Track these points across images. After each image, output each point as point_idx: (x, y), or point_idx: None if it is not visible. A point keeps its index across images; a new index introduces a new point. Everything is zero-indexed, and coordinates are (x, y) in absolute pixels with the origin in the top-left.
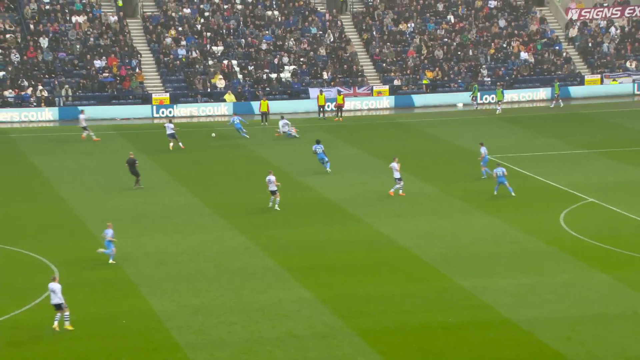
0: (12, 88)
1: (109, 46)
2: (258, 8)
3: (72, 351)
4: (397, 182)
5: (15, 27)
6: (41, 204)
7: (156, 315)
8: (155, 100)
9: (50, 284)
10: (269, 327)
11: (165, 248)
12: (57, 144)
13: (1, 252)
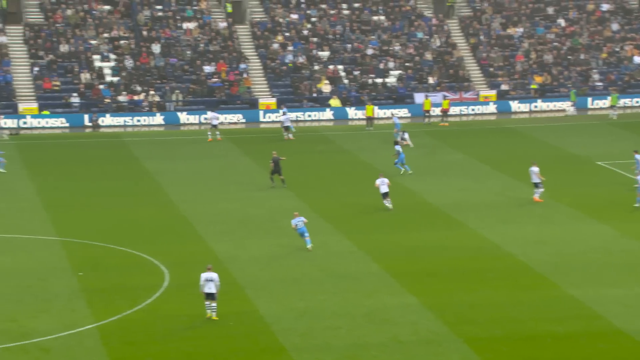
0: (125, 93)
1: (218, 52)
2: (364, 13)
3: (181, 351)
4: (537, 187)
5: (130, 33)
6: (152, 206)
7: (262, 317)
8: (262, 105)
9: (206, 274)
10: (374, 332)
11: (272, 251)
12: (168, 148)
13: (115, 253)
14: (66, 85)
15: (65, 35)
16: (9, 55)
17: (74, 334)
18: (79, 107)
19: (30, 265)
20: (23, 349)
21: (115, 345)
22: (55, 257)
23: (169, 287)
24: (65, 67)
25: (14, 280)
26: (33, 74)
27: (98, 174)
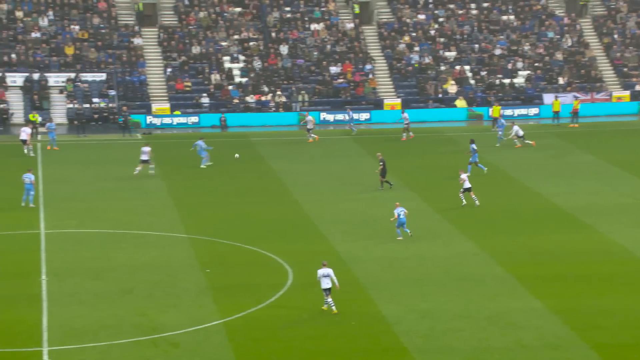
0: (253, 93)
1: (345, 53)
2: (493, 13)
3: (304, 349)
4: None
5: (259, 35)
6: (278, 206)
7: (384, 318)
8: (387, 106)
9: (322, 270)
10: (498, 335)
11: (394, 252)
12: (293, 148)
13: (240, 251)
14: (197, 86)
15: (197, 37)
16: (144, 56)
17: (201, 329)
18: (208, 107)
19: (160, 262)
20: (153, 343)
21: (241, 342)
22: (184, 254)
23: (292, 286)
24: (196, 69)
25: (145, 275)
26: (166, 75)
27: (225, 173)
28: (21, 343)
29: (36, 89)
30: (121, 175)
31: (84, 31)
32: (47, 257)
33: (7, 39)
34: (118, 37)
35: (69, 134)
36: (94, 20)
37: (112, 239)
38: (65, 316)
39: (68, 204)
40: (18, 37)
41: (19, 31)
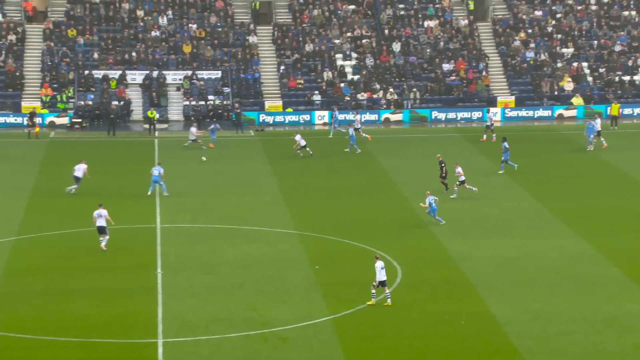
0: (364, 91)
1: (458, 50)
2: (614, 9)
3: (413, 348)
4: None
5: (371, 32)
6: (387, 203)
7: (495, 318)
8: (500, 103)
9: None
10: (614, 338)
11: (505, 251)
12: (403, 145)
13: (350, 248)
14: (309, 84)
15: (311, 35)
16: (259, 54)
17: (310, 325)
18: (320, 104)
19: (271, 257)
20: (263, 337)
21: (349, 339)
22: (294, 250)
23: (401, 284)
24: (309, 66)
25: (256, 270)
26: (279, 72)
27: (335, 170)
28: (137, 334)
29: (154, 87)
30: (234, 171)
31: (201, 29)
32: (163, 250)
33: (128, 38)
34: (234, 35)
35: (185, 130)
36: (211, 19)
37: (225, 234)
38: (179, 309)
39: (183, 199)
40: (138, 36)
41: (139, 30)
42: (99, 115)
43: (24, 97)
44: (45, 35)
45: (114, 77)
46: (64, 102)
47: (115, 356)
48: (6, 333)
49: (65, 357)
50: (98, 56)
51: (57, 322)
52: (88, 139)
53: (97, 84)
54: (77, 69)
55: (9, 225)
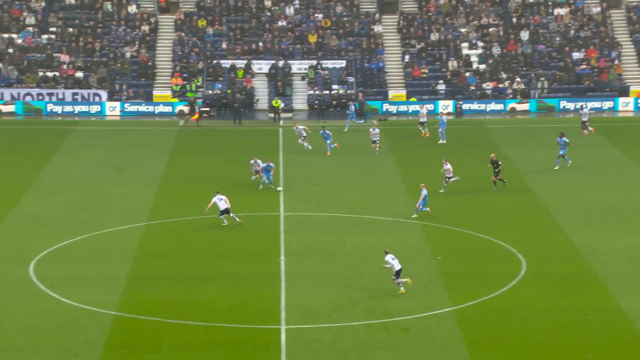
0: (490, 80)
1: (589, 38)
2: None
3: (537, 342)
4: None
5: (499, 21)
6: (512, 194)
7: (624, 313)
8: (633, 93)
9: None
10: None
11: (636, 245)
12: (529, 136)
13: (473, 239)
14: (434, 73)
15: (436, 24)
16: (383, 43)
17: (431, 315)
18: (444, 94)
19: (392, 247)
20: (384, 326)
21: (471, 330)
22: (416, 240)
23: (525, 276)
24: (434, 55)
25: (377, 260)
26: (404, 62)
27: (459, 161)
28: (261, 320)
29: (280, 76)
30: (356, 161)
31: (327, 19)
32: (286, 238)
33: (255, 28)
34: (359, 24)
35: (309, 119)
36: (337, 9)
37: (347, 223)
38: (302, 296)
39: (306, 188)
40: (265, 26)
41: (267, 20)
42: (226, 104)
43: (155, 86)
44: (177, 25)
45: (240, 66)
46: (193, 92)
47: (239, 341)
48: (136, 315)
49: (191, 340)
50: (226, 46)
51: (184, 306)
52: (215, 128)
53: (225, 73)
54: (206, 58)
55: (140, 211)
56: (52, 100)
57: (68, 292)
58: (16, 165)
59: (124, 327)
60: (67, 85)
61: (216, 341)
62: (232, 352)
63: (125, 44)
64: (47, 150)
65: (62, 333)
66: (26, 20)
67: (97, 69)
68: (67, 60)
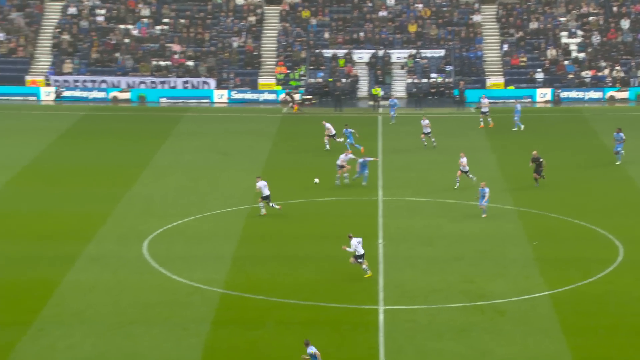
0: (589, 68)
1: None
2: None
3: (635, 327)
4: None
5: (599, 9)
6: (609, 181)
7: None
8: None
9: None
10: None
11: None
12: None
13: (569, 225)
14: (532, 62)
15: (536, 13)
16: (482, 33)
17: (527, 299)
18: (542, 82)
19: (488, 232)
20: (479, 309)
21: (567, 314)
22: (512, 226)
23: (622, 263)
24: (532, 44)
25: (473, 244)
26: (502, 50)
27: (555, 147)
28: (360, 300)
29: (380, 65)
30: (454, 147)
31: (427, 9)
32: (384, 222)
33: (357, 18)
34: (458, 14)
35: (407, 107)
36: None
37: (444, 208)
38: (399, 278)
39: (404, 174)
40: (366, 16)
41: (368, 10)
42: (328, 92)
43: (260, 75)
44: (282, 16)
45: (342, 55)
46: (296, 80)
47: (339, 320)
48: (242, 293)
49: (294, 317)
50: (329, 36)
51: (286, 285)
52: (317, 115)
53: (327, 62)
54: (309, 48)
55: (245, 194)
56: (164, 89)
57: (178, 269)
58: (131, 149)
59: (230, 304)
60: (178, 74)
61: (317, 319)
62: (332, 330)
63: (233, 34)
64: (159, 136)
65: (173, 308)
66: (141, 12)
67: (207, 59)
68: (179, 50)
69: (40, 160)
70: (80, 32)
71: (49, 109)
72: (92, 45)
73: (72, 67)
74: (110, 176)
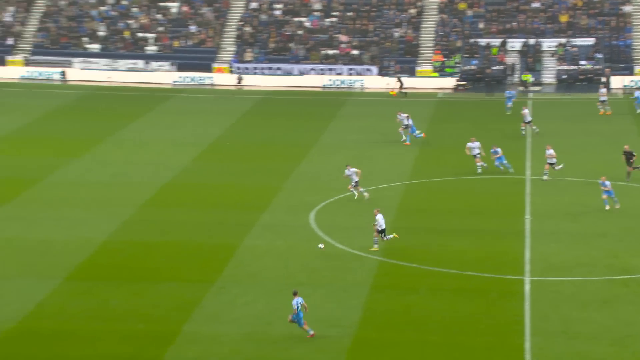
0: None
1: None
2: None
3: None
4: None
5: None
6: None
7: None
8: None
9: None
10: None
11: None
12: None
13: None
14: None
15: None
16: (632, 22)
17: None
18: None
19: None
20: (623, 283)
21: None
22: None
23: None
24: None
25: (618, 221)
26: None
27: None
28: (507, 271)
29: (531, 53)
30: (600, 130)
31: (579, 0)
32: (531, 200)
33: (510, 10)
34: (610, 4)
35: (557, 92)
36: None
37: (589, 187)
38: (545, 252)
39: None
40: (520, 8)
41: (521, 2)
42: (480, 78)
43: (418, 63)
44: (440, 8)
45: (495, 44)
46: (451, 67)
47: (487, 288)
48: (398, 261)
49: (445, 285)
50: (483, 26)
51: (438, 255)
52: (469, 100)
53: (481, 50)
54: (465, 37)
55: (402, 171)
56: (330, 75)
57: (341, 238)
58: (301, 129)
59: (387, 271)
60: (344, 62)
61: (466, 287)
62: (480, 297)
63: (395, 25)
64: (326, 117)
65: (336, 273)
66: (313, 6)
67: (370, 48)
68: (345, 40)
69: (223, 139)
70: (260, 25)
71: (231, 93)
72: (270, 36)
73: (252, 56)
74: (282, 153)
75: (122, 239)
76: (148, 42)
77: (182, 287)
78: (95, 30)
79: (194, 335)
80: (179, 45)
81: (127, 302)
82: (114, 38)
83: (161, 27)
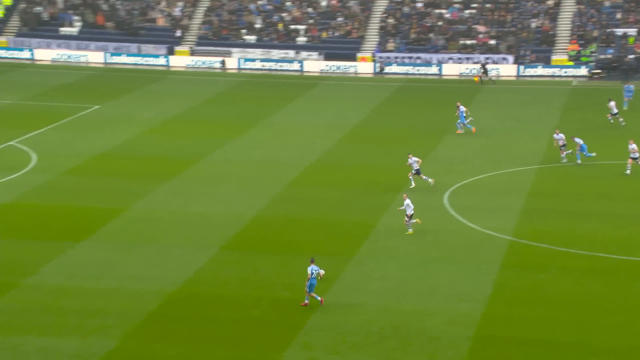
0: None
1: None
2: None
3: None
4: None
5: None
6: None
7: None
8: None
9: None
10: None
11: None
12: None
13: None
14: None
15: None
16: None
17: None
18: None
19: None
20: None
21: None
22: None
23: None
24: None
25: None
26: None
27: None
28: (635, 253)
29: None
30: None
31: None
32: None
33: None
34: None
35: None
36: None
37: None
38: None
39: None
40: None
41: None
42: (616, 67)
43: (553, 52)
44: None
45: (632, 34)
46: (586, 56)
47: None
48: (528, 241)
49: (574, 265)
50: (620, 16)
51: (568, 237)
52: (604, 88)
53: (617, 40)
54: (601, 27)
55: (534, 156)
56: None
57: (473, 218)
58: (437, 115)
59: (517, 250)
60: (481, 52)
61: (596, 268)
62: (609, 278)
63: (532, 16)
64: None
65: (468, 251)
66: None
67: (507, 38)
68: (483, 31)
69: (364, 123)
70: (402, 16)
71: (372, 81)
72: (412, 27)
73: (393, 46)
74: (419, 137)
75: (270, 213)
76: (299, 33)
77: (323, 259)
78: (252, 23)
79: (333, 305)
80: (327, 36)
81: (274, 271)
82: (268, 30)
83: (311, 20)
